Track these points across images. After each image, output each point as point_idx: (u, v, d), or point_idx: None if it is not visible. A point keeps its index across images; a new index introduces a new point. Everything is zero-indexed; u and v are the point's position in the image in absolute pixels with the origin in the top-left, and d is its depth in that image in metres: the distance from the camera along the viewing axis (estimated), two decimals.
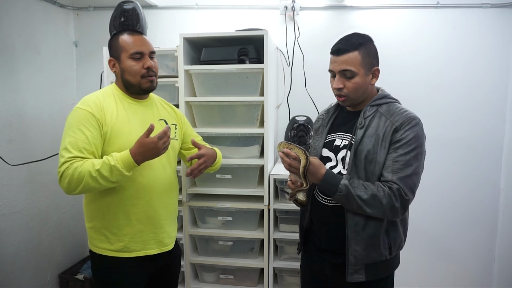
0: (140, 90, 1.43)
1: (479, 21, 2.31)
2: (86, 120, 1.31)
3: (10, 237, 2.11)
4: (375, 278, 1.31)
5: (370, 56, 1.31)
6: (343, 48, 1.29)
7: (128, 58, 1.39)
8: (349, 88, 1.31)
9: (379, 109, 1.33)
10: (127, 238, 1.39)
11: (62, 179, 1.28)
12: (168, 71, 2.19)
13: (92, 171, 1.24)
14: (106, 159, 1.27)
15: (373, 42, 1.35)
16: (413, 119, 1.28)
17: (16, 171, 2.11)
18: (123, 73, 1.41)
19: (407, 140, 1.25)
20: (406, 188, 1.23)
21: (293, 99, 2.48)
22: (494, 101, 2.35)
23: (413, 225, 2.42)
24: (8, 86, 2.10)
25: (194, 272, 2.28)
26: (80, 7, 2.61)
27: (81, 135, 1.30)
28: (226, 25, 2.49)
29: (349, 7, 2.39)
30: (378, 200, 1.22)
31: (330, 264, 1.39)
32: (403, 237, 1.37)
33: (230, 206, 2.11)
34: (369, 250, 1.29)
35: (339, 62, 1.30)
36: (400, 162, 1.24)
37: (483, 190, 2.41)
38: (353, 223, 1.30)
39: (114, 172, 1.26)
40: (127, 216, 1.39)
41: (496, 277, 2.46)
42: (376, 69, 1.34)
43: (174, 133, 1.55)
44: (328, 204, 1.37)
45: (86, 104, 1.34)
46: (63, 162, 1.27)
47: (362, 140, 1.30)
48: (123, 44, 1.40)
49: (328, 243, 1.40)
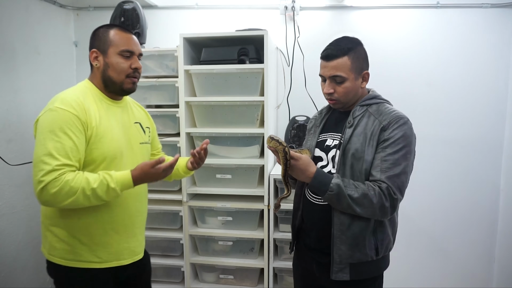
0: (119, 89, 1.34)
1: (479, 21, 2.31)
2: (71, 123, 1.19)
3: (10, 237, 2.10)
4: (360, 278, 1.32)
5: (360, 60, 1.32)
6: (332, 54, 1.30)
7: (117, 54, 1.31)
8: (339, 92, 1.32)
9: (369, 109, 1.34)
10: (100, 248, 1.29)
11: (46, 189, 1.13)
12: (168, 71, 2.19)
13: (86, 189, 1.16)
14: (104, 179, 1.18)
15: (362, 46, 1.35)
16: (401, 118, 1.28)
17: (16, 171, 2.11)
18: (107, 68, 1.31)
19: (395, 139, 1.25)
20: (394, 187, 1.23)
21: (293, 99, 2.48)
22: (494, 100, 2.35)
23: (413, 225, 2.45)
24: (8, 86, 2.10)
25: (194, 272, 2.29)
26: (80, 7, 2.61)
27: (68, 140, 1.17)
28: (226, 25, 2.49)
29: (349, 7, 2.39)
30: (368, 199, 1.22)
31: (317, 263, 1.40)
32: (391, 238, 1.37)
33: (230, 206, 2.11)
34: (354, 250, 1.30)
35: (329, 68, 1.31)
36: (388, 161, 1.24)
37: (483, 190, 2.41)
38: (339, 222, 1.31)
39: (111, 193, 1.19)
40: (101, 225, 1.29)
41: (496, 277, 2.46)
42: (366, 73, 1.35)
43: (148, 137, 1.50)
44: (318, 203, 1.38)
45: (69, 105, 1.21)
46: (50, 170, 1.13)
47: (350, 139, 1.31)
48: (114, 38, 1.31)
49: (316, 242, 1.40)
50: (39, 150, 1.17)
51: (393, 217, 1.36)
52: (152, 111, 2.19)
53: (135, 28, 2.13)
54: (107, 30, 1.34)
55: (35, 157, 1.17)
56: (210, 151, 2.15)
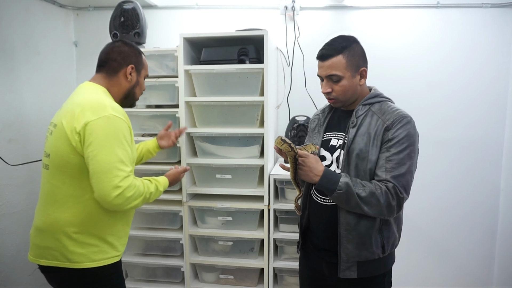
0: (132, 104, 1.52)
1: (479, 21, 2.31)
2: (127, 132, 1.30)
3: (10, 237, 2.10)
4: (367, 275, 1.32)
5: (356, 57, 1.32)
6: (327, 53, 1.31)
7: (143, 77, 1.51)
8: (337, 91, 1.33)
9: (371, 108, 1.34)
10: (119, 241, 1.39)
11: (122, 194, 1.22)
12: (168, 71, 2.19)
13: (146, 193, 1.33)
14: (155, 185, 1.41)
15: (358, 43, 1.35)
16: (405, 117, 1.28)
17: (16, 171, 2.11)
18: (136, 85, 1.47)
19: (400, 139, 1.25)
20: (400, 187, 1.23)
21: (293, 99, 2.47)
22: (494, 101, 2.35)
23: (413, 225, 2.45)
24: (8, 86, 2.10)
25: (194, 272, 2.29)
26: (80, 7, 2.61)
27: (128, 147, 1.28)
28: (226, 25, 2.49)
29: (349, 7, 2.39)
30: (376, 198, 1.22)
31: (327, 263, 1.40)
32: (397, 235, 1.38)
33: (230, 206, 2.11)
34: (360, 248, 1.30)
35: (324, 67, 1.32)
36: (393, 161, 1.25)
37: (483, 190, 2.41)
38: (345, 222, 1.31)
39: (157, 196, 1.43)
40: (122, 221, 1.40)
41: (496, 277, 2.45)
42: (363, 70, 1.35)
43: None
44: (325, 203, 1.38)
45: (121, 113, 1.30)
46: (125, 176, 1.24)
47: (354, 139, 1.31)
48: (145, 63, 1.51)
49: (325, 242, 1.41)
50: (109, 156, 1.22)
51: (398, 214, 1.36)
52: (152, 111, 2.19)
53: (135, 28, 2.13)
54: (141, 54, 1.50)
55: (106, 163, 1.21)
56: (210, 151, 2.16)
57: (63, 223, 1.30)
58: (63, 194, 1.30)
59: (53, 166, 1.32)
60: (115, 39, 2.04)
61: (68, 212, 1.29)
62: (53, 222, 1.31)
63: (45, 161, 1.37)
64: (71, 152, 1.26)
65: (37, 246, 1.35)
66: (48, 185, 1.34)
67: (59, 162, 1.29)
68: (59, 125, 1.29)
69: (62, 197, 1.30)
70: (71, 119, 1.26)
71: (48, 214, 1.32)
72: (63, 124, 1.27)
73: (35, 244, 1.36)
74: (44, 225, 1.33)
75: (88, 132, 1.23)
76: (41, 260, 1.34)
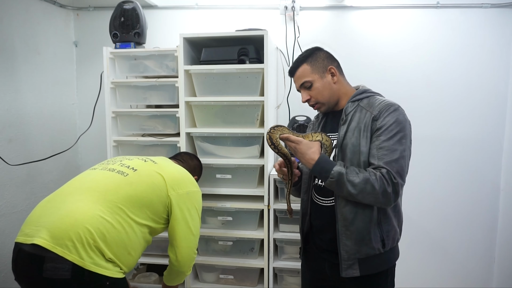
0: None
1: (479, 21, 2.31)
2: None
3: (10, 237, 2.10)
4: (370, 272, 1.31)
5: (319, 60, 1.40)
6: (293, 68, 1.44)
7: None
8: (314, 95, 1.41)
9: (360, 103, 1.36)
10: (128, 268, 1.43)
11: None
12: (168, 71, 2.19)
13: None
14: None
15: (321, 49, 1.44)
16: (391, 106, 1.29)
17: (16, 171, 2.11)
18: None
19: (388, 126, 1.26)
20: (394, 172, 1.22)
21: (293, 99, 2.47)
22: (494, 100, 2.35)
23: (413, 225, 2.45)
24: (8, 86, 2.10)
25: (194, 272, 2.28)
26: (80, 7, 2.61)
27: None
28: (226, 25, 2.49)
29: (349, 7, 2.39)
30: (370, 185, 1.21)
31: (329, 263, 1.40)
32: (397, 229, 1.36)
33: (230, 206, 2.11)
34: (360, 244, 1.30)
35: (295, 80, 1.45)
36: (384, 148, 1.25)
37: (483, 190, 2.41)
38: (342, 218, 1.31)
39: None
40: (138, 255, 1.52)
41: (496, 277, 2.46)
42: (331, 68, 1.40)
43: None
44: (325, 205, 1.39)
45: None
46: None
47: (346, 135, 1.33)
48: None
49: (327, 243, 1.41)
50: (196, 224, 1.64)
51: (397, 207, 1.35)
52: (152, 111, 2.19)
53: (135, 28, 2.13)
54: None
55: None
56: (210, 151, 2.16)
57: (90, 224, 1.25)
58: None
59: (136, 182, 1.45)
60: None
61: (110, 221, 1.31)
62: (82, 216, 1.26)
63: (124, 169, 1.48)
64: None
65: (45, 228, 1.26)
66: (112, 186, 1.40)
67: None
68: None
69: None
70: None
71: (83, 206, 1.29)
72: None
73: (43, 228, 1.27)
74: (67, 216, 1.26)
75: (186, 197, 1.66)
76: (35, 238, 1.26)
